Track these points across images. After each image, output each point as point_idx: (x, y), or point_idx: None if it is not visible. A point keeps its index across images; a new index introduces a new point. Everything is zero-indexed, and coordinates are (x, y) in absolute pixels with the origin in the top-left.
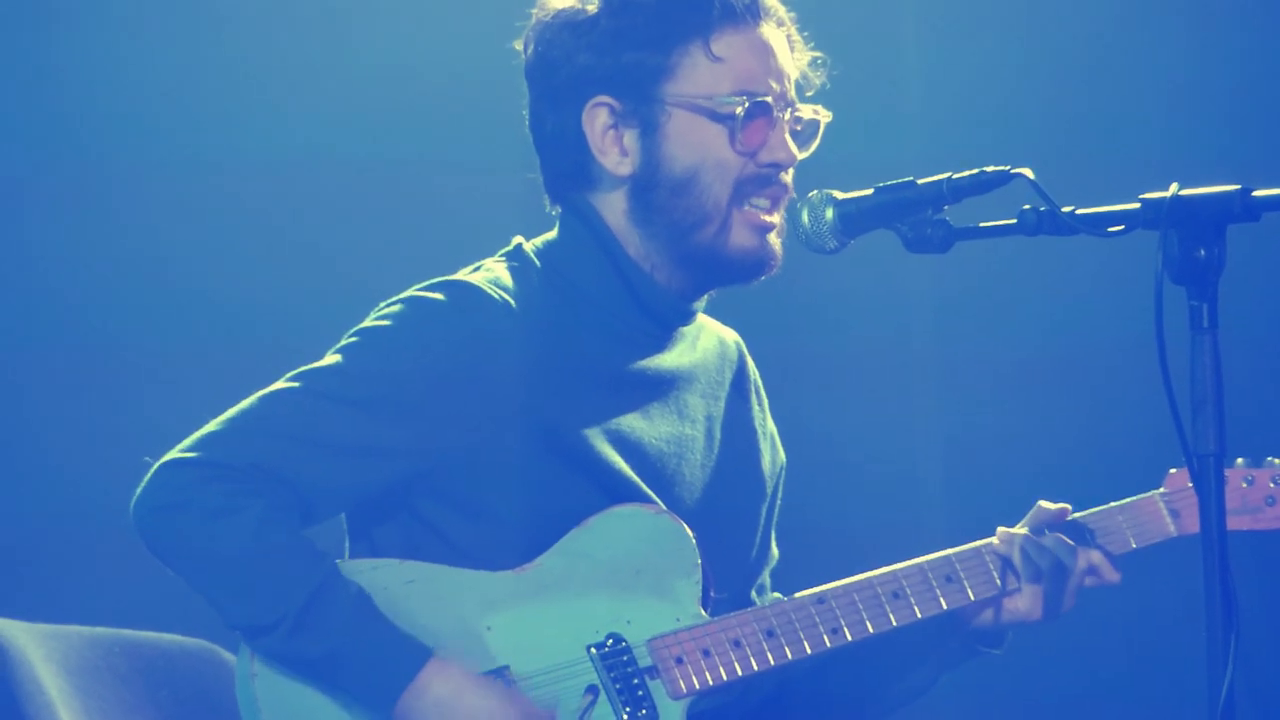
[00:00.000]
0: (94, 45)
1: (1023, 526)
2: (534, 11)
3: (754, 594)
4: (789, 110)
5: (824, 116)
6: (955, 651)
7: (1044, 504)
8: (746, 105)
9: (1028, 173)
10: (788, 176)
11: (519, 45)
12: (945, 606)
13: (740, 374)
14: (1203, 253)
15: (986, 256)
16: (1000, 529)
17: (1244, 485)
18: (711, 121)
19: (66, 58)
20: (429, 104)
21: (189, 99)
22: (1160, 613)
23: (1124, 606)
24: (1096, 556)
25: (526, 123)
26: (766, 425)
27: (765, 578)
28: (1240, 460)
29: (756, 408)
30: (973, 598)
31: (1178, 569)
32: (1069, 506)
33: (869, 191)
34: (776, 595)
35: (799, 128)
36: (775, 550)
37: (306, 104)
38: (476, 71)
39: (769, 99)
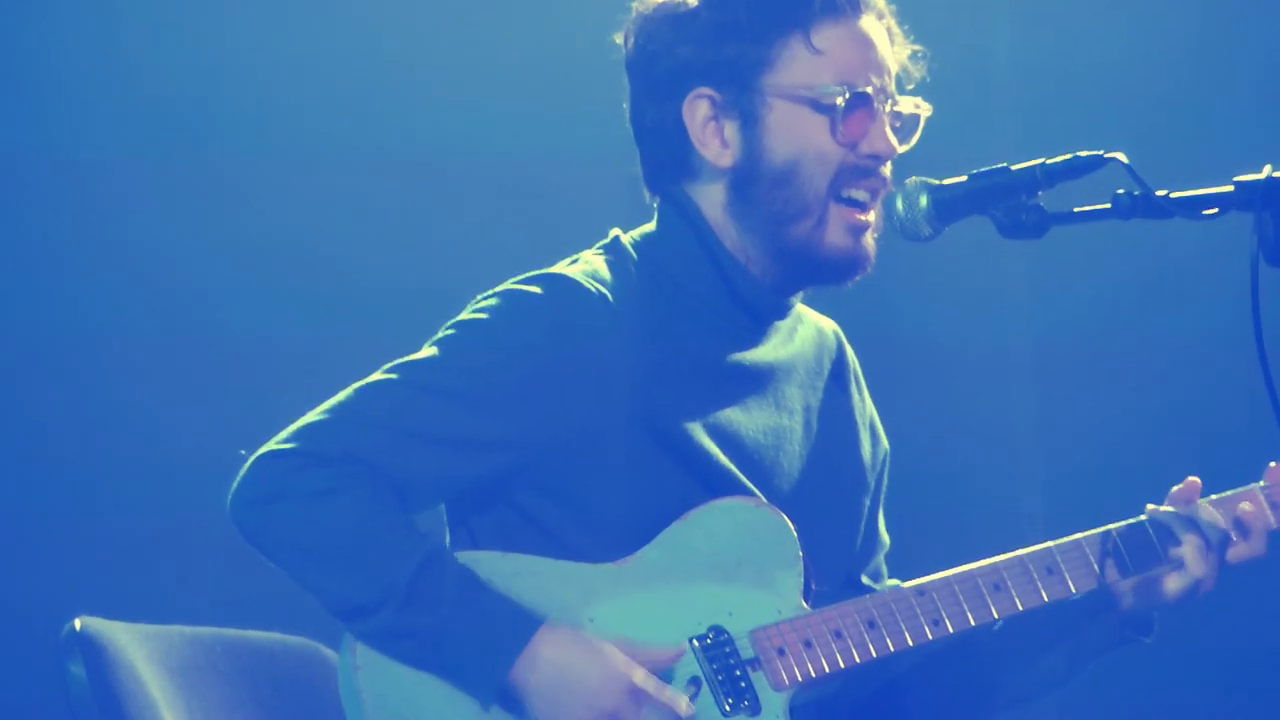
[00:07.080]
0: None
1: (1171, 505)
2: (634, 4)
3: (868, 580)
4: (889, 103)
5: (924, 110)
6: (1101, 638)
7: (1193, 480)
8: (847, 96)
9: (1121, 157)
10: (886, 169)
11: (619, 39)
12: (1046, 598)
13: (839, 363)
14: None
15: (1081, 242)
16: (1150, 506)
17: None
18: (813, 112)
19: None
20: (528, 98)
21: (329, 94)
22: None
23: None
24: (1247, 534)
25: (627, 115)
26: (866, 414)
27: (881, 564)
28: None
29: (856, 397)
30: (1074, 590)
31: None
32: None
33: (963, 178)
34: (894, 581)
35: (898, 123)
36: (886, 537)
37: (406, 96)
38: (575, 64)
39: (869, 90)
